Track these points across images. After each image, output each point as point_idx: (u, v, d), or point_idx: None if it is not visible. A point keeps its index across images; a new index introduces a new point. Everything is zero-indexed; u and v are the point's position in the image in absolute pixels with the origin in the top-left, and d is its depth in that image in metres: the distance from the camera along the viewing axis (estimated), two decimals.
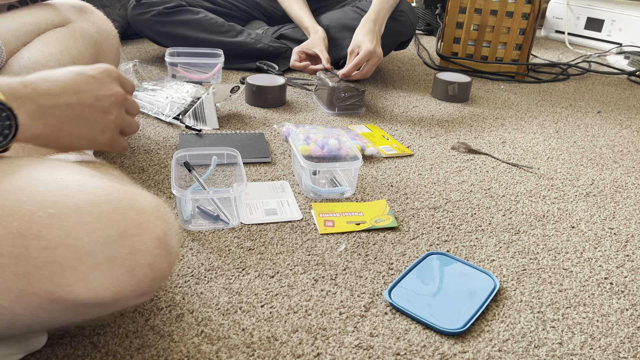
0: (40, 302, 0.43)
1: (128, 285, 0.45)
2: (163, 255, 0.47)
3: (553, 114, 1.49)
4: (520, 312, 0.69)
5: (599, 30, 2.37)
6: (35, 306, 0.43)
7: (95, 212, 0.44)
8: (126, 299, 0.46)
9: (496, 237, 0.86)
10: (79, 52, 0.84)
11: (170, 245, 0.48)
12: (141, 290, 0.46)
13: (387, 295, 0.68)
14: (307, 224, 0.85)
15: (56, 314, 0.44)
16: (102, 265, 0.43)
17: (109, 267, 0.43)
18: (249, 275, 0.72)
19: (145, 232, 0.45)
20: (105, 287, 0.44)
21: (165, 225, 0.48)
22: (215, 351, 0.59)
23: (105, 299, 0.44)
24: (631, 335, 0.66)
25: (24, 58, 0.79)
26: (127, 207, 0.45)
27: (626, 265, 0.81)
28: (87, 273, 0.43)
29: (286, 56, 1.67)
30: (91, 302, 0.44)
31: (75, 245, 0.42)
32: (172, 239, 0.48)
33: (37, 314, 0.44)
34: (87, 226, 0.43)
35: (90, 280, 0.43)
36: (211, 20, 1.59)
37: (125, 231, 0.44)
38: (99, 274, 0.43)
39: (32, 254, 0.41)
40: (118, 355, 0.57)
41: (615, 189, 1.06)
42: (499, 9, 1.73)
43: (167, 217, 0.49)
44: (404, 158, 1.13)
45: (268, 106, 1.36)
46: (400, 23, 1.57)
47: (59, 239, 0.42)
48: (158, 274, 0.47)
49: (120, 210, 0.45)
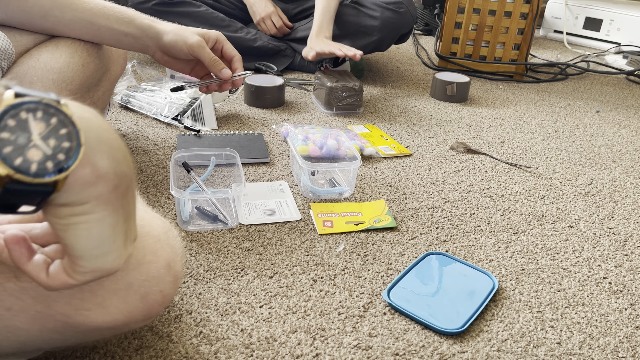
0: (55, 325, 0.43)
1: (140, 310, 0.45)
2: (172, 282, 0.47)
3: (552, 114, 1.49)
4: (519, 312, 0.69)
5: (598, 30, 2.37)
6: (49, 328, 0.43)
7: None
8: (135, 322, 0.46)
9: (495, 237, 0.86)
10: (89, 55, 0.84)
11: (177, 271, 0.48)
12: (149, 315, 0.47)
13: (386, 296, 0.68)
14: (305, 225, 0.85)
15: (68, 336, 0.45)
16: (120, 291, 0.43)
17: (126, 293, 0.44)
18: (248, 275, 0.72)
19: (159, 259, 0.46)
20: (120, 312, 0.44)
21: (173, 251, 0.48)
22: (214, 352, 0.59)
23: (117, 324, 0.44)
24: (630, 335, 0.66)
25: (33, 58, 0.79)
26: (146, 234, 0.46)
27: (625, 265, 0.81)
28: (105, 298, 0.43)
29: (285, 54, 1.67)
30: (105, 326, 0.44)
31: None
32: (178, 264, 0.49)
33: (50, 336, 0.44)
34: None
35: (107, 305, 0.43)
36: (212, 14, 1.59)
37: (143, 258, 0.45)
38: (116, 299, 0.43)
39: None
40: (117, 356, 0.57)
41: (614, 189, 1.06)
42: (497, 9, 1.73)
43: (175, 242, 0.49)
44: (402, 158, 1.13)
45: (267, 106, 1.36)
46: (400, 15, 1.56)
47: None
48: (166, 299, 0.47)
49: (141, 237, 0.45)
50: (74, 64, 0.81)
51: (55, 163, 0.31)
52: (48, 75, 0.79)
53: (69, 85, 0.80)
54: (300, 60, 1.69)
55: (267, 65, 1.62)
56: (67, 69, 0.80)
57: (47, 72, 0.79)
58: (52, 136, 0.31)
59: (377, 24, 1.55)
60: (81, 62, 0.82)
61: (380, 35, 1.56)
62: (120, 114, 1.25)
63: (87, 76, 0.84)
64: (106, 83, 0.90)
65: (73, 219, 0.34)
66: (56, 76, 0.79)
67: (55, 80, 0.79)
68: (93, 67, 0.84)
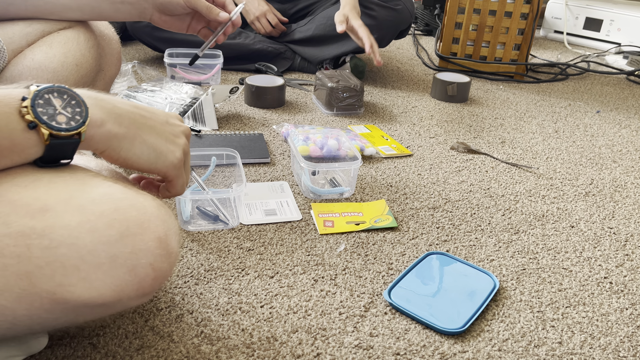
0: (42, 303, 0.43)
1: (129, 285, 0.45)
2: (164, 255, 0.47)
3: (552, 114, 1.49)
4: (520, 312, 0.69)
5: (598, 30, 2.37)
6: (37, 306, 0.43)
7: (97, 211, 0.44)
8: (127, 299, 0.46)
9: (496, 236, 0.86)
10: (82, 55, 0.84)
11: (170, 245, 0.48)
12: (142, 290, 0.46)
13: (386, 295, 0.68)
14: (306, 224, 0.85)
15: (58, 315, 0.44)
16: (103, 265, 0.43)
17: (111, 266, 0.43)
18: (249, 275, 0.72)
19: (146, 232, 0.45)
20: (107, 286, 0.44)
21: (166, 225, 0.48)
22: (215, 351, 0.59)
23: (106, 299, 0.44)
24: (631, 335, 0.66)
25: (27, 59, 0.79)
26: (129, 206, 0.45)
27: (625, 265, 0.81)
28: (89, 272, 0.43)
29: (285, 57, 1.67)
30: (93, 302, 0.44)
31: (77, 244, 0.42)
32: (172, 239, 0.48)
33: (38, 315, 0.43)
34: (89, 225, 0.43)
35: (92, 280, 0.43)
36: None
37: (126, 230, 0.44)
38: (101, 273, 0.43)
39: (34, 253, 0.41)
40: (118, 356, 0.57)
41: (615, 189, 1.06)
42: (497, 9, 1.73)
43: (167, 217, 0.49)
44: (403, 158, 1.13)
45: (267, 107, 1.36)
46: (397, 12, 1.57)
47: (61, 237, 0.42)
48: (159, 274, 0.47)
49: (122, 209, 0.45)
50: (68, 64, 0.82)
51: (75, 121, 0.46)
52: (43, 75, 0.79)
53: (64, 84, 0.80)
54: (300, 61, 1.70)
55: (268, 65, 1.62)
56: (61, 68, 0.81)
57: (41, 72, 0.79)
58: (68, 106, 0.46)
59: (376, 22, 1.55)
60: (75, 62, 0.82)
61: (380, 34, 1.57)
62: None
63: (82, 75, 0.84)
64: (101, 83, 0.90)
65: (117, 153, 0.50)
66: (50, 76, 0.79)
67: (49, 80, 0.79)
68: (87, 66, 0.84)
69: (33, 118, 0.44)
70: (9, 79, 0.78)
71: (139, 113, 0.52)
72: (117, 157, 0.50)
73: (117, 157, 0.50)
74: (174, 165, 0.54)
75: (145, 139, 0.52)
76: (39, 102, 0.45)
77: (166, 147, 0.53)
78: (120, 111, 0.50)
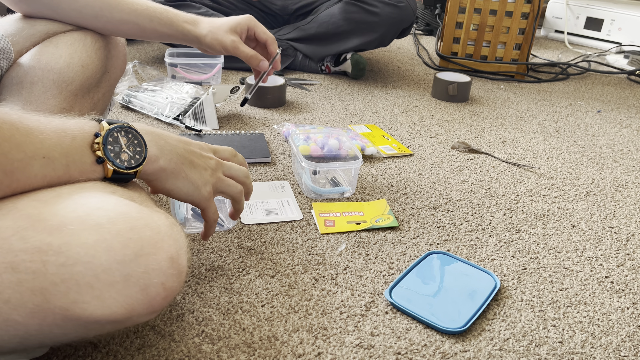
0: (55, 319, 0.43)
1: (141, 303, 0.45)
2: (175, 275, 0.47)
3: (553, 114, 1.49)
4: (521, 311, 0.69)
5: (599, 30, 2.37)
6: (49, 322, 0.43)
7: (113, 230, 0.44)
8: (137, 316, 0.46)
9: (497, 236, 0.86)
10: (89, 56, 0.84)
11: (181, 265, 0.48)
12: (152, 309, 0.46)
13: (387, 295, 0.68)
14: (307, 224, 0.85)
15: (69, 330, 0.45)
16: (117, 284, 0.43)
17: (124, 285, 0.44)
18: (250, 275, 0.72)
19: (159, 252, 0.46)
20: (119, 304, 0.44)
21: (177, 244, 0.48)
22: (216, 351, 0.59)
23: (118, 317, 0.44)
24: (632, 334, 0.66)
25: (33, 59, 0.79)
26: (144, 226, 0.46)
27: (627, 264, 0.81)
28: (102, 291, 0.43)
29: (286, 54, 1.67)
30: (104, 320, 0.44)
31: (93, 262, 0.42)
32: (183, 258, 0.49)
33: (50, 330, 0.44)
34: (105, 244, 0.43)
35: (105, 298, 0.43)
36: (212, 16, 1.60)
37: (141, 250, 0.45)
38: (114, 292, 0.43)
39: (50, 269, 0.41)
40: (119, 355, 0.57)
41: (616, 188, 1.06)
42: (498, 8, 1.73)
43: (179, 236, 0.49)
44: (404, 158, 1.13)
45: (268, 106, 1.36)
46: (400, 10, 1.57)
47: (77, 255, 0.42)
48: (169, 293, 0.47)
49: (138, 229, 0.45)
50: (74, 65, 0.81)
51: (135, 160, 0.53)
52: (48, 75, 0.79)
53: (69, 85, 0.80)
54: (302, 59, 1.70)
55: None
56: (67, 69, 0.80)
57: (47, 73, 0.79)
58: (131, 145, 0.53)
59: (379, 20, 1.55)
60: (81, 63, 0.82)
61: (383, 31, 1.57)
62: (122, 114, 1.25)
63: (87, 77, 0.84)
64: (106, 84, 0.90)
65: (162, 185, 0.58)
66: (56, 77, 0.79)
67: (55, 81, 0.79)
68: (93, 67, 0.84)
69: (102, 155, 0.50)
70: (15, 78, 0.78)
71: (183, 148, 0.60)
72: (162, 188, 0.59)
73: (162, 188, 0.59)
74: (205, 197, 0.62)
75: (187, 173, 0.60)
76: (109, 140, 0.51)
77: (201, 181, 0.61)
78: (171, 147, 0.58)
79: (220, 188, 0.65)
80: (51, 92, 0.79)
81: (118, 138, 0.52)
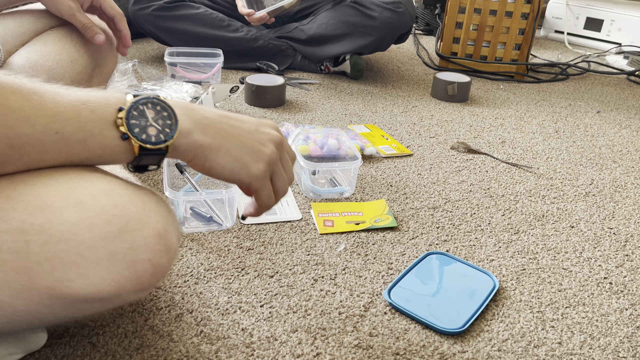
0: (41, 298, 0.43)
1: (128, 280, 0.45)
2: (163, 251, 0.47)
3: (552, 114, 1.49)
4: (520, 312, 0.69)
5: (598, 30, 2.37)
6: (36, 302, 0.43)
7: (96, 206, 0.44)
8: (126, 294, 0.46)
9: (495, 236, 0.86)
10: (77, 51, 0.83)
11: (170, 241, 0.48)
12: (141, 286, 0.46)
13: (386, 295, 0.68)
14: (306, 224, 0.85)
15: (57, 310, 0.44)
16: (102, 261, 0.43)
17: (110, 262, 0.43)
18: (249, 275, 0.72)
19: (146, 228, 0.45)
20: (105, 282, 0.44)
21: (165, 220, 0.48)
22: (215, 351, 0.59)
23: (105, 294, 0.44)
24: (630, 335, 0.66)
25: (23, 58, 0.79)
26: (128, 202, 0.45)
27: (625, 265, 0.81)
28: (87, 268, 0.43)
29: (286, 54, 1.67)
30: (92, 298, 0.44)
31: (76, 240, 0.42)
32: (171, 235, 0.48)
33: (37, 310, 0.44)
34: (88, 221, 0.43)
35: (91, 276, 0.43)
36: (211, 15, 1.59)
37: (125, 226, 0.44)
38: (100, 269, 0.43)
39: (33, 249, 0.41)
40: (117, 355, 0.57)
41: (615, 189, 1.06)
42: (498, 8, 1.73)
43: (166, 212, 0.49)
44: (403, 158, 1.13)
45: (267, 106, 1.36)
46: (399, 15, 1.56)
47: (60, 234, 0.42)
48: (158, 269, 0.47)
49: (122, 205, 0.45)
50: (63, 61, 0.81)
51: (164, 134, 0.47)
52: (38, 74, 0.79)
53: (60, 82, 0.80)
54: (301, 59, 1.70)
55: (268, 64, 1.62)
56: (56, 66, 0.80)
57: (37, 71, 0.79)
58: (160, 118, 0.48)
59: (376, 23, 1.55)
60: (69, 58, 0.82)
61: (380, 35, 1.57)
62: None
63: (77, 72, 0.83)
64: (98, 79, 0.90)
65: (202, 163, 0.51)
66: (46, 74, 0.79)
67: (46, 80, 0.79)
68: (82, 62, 0.84)
69: (126, 130, 0.46)
70: None
71: (226, 122, 0.53)
72: (202, 166, 0.51)
73: (202, 167, 0.51)
74: (256, 176, 0.53)
75: (229, 149, 0.51)
76: (133, 114, 0.46)
77: (250, 158, 0.53)
78: (208, 121, 0.51)
79: (274, 168, 0.55)
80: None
81: (144, 111, 0.47)
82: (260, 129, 0.55)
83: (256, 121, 0.56)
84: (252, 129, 0.54)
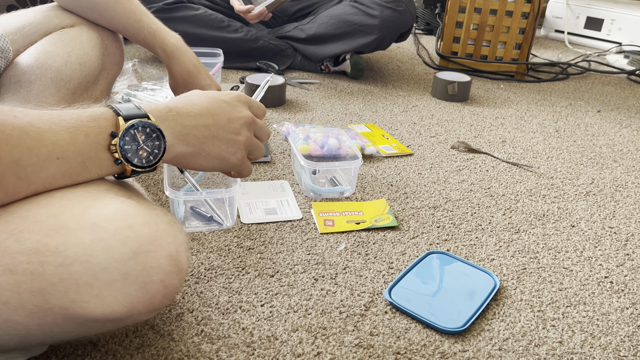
0: (55, 318, 0.43)
1: (141, 301, 0.45)
2: (174, 272, 0.47)
3: (553, 113, 1.49)
4: (521, 311, 0.69)
5: (599, 30, 2.37)
6: (49, 322, 0.43)
7: (110, 228, 0.44)
8: (138, 314, 0.46)
9: (496, 236, 0.86)
10: (85, 54, 0.84)
11: (181, 262, 0.48)
12: (153, 307, 0.46)
13: (387, 295, 0.68)
14: (307, 224, 0.85)
15: (69, 329, 0.45)
16: (116, 282, 0.43)
17: (123, 283, 0.44)
18: (249, 274, 0.72)
19: (158, 249, 0.46)
20: (119, 303, 0.44)
21: (177, 241, 0.48)
22: (215, 350, 0.59)
23: (118, 315, 0.44)
24: (631, 334, 0.66)
25: (31, 57, 0.79)
26: (142, 224, 0.46)
27: (626, 264, 0.81)
28: (101, 289, 0.43)
29: (286, 54, 1.67)
30: (104, 318, 0.44)
31: (91, 262, 0.42)
32: (182, 256, 0.48)
33: (50, 329, 0.44)
34: (102, 243, 0.43)
35: (104, 297, 0.43)
36: (211, 15, 1.59)
37: (139, 248, 0.44)
38: (113, 290, 0.43)
39: (48, 270, 0.41)
40: (118, 355, 0.57)
41: (615, 188, 1.06)
42: (498, 8, 1.73)
43: (178, 233, 0.49)
44: (403, 157, 1.13)
45: (267, 105, 1.36)
46: (399, 13, 1.56)
47: (75, 255, 0.42)
48: (169, 290, 0.47)
49: (136, 227, 0.45)
50: (72, 63, 0.81)
51: (154, 156, 0.53)
52: (46, 74, 0.79)
53: (67, 84, 0.80)
54: (301, 59, 1.70)
55: (269, 64, 1.62)
56: (64, 67, 0.80)
57: (45, 71, 0.79)
58: (149, 140, 0.52)
59: (377, 22, 1.55)
60: (78, 60, 0.82)
61: (381, 34, 1.56)
62: None
63: (85, 74, 0.84)
64: (104, 81, 0.90)
65: (184, 166, 0.58)
66: (54, 75, 0.79)
67: (53, 79, 0.79)
68: (90, 65, 0.84)
69: (120, 157, 0.50)
70: (13, 77, 0.78)
71: (203, 124, 0.57)
72: (187, 167, 0.59)
73: (186, 167, 0.59)
74: (236, 165, 0.62)
75: (208, 151, 0.58)
76: (126, 140, 0.50)
77: (227, 152, 0.60)
78: (187, 130, 0.56)
79: (250, 148, 0.63)
80: (49, 91, 0.79)
81: (135, 135, 0.51)
82: (232, 116, 0.60)
83: (227, 107, 0.60)
84: (224, 122, 0.60)
